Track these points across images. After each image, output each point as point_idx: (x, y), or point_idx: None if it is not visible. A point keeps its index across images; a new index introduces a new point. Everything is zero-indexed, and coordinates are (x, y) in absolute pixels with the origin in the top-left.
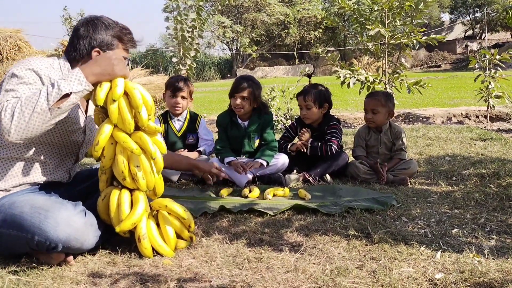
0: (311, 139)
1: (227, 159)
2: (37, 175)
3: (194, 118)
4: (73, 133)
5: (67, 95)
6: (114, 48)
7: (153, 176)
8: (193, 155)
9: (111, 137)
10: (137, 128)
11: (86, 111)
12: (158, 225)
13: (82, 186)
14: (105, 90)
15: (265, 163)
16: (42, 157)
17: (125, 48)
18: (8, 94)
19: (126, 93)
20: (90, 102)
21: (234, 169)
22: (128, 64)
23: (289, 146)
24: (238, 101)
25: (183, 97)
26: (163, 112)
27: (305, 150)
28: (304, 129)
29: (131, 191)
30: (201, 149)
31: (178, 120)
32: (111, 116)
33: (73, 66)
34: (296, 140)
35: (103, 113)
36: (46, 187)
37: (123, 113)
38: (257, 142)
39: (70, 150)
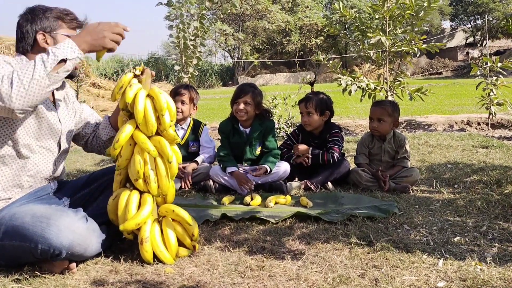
0: (311, 148)
1: (229, 169)
2: (25, 173)
3: (197, 126)
4: (49, 119)
5: (63, 62)
6: (57, 28)
7: (168, 181)
8: (191, 166)
9: (130, 139)
10: (157, 133)
11: (54, 102)
12: (162, 231)
13: (81, 193)
14: (135, 90)
15: (268, 169)
16: (29, 151)
17: (71, 27)
18: None
19: (151, 97)
20: (56, 93)
21: (239, 185)
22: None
23: (293, 158)
24: (241, 106)
25: (182, 102)
26: None
27: (309, 163)
28: (296, 146)
29: (141, 193)
30: (198, 159)
31: (182, 128)
32: (137, 116)
33: (28, 57)
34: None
35: (127, 116)
36: (45, 195)
37: (147, 115)
38: (259, 149)
39: (52, 138)
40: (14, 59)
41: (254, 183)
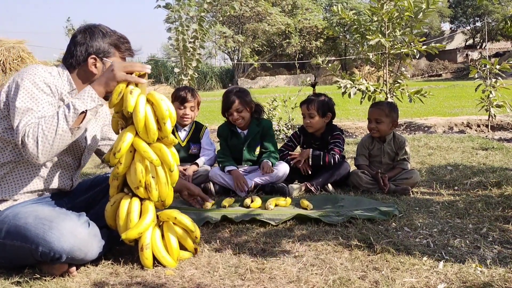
0: (311, 150)
1: (227, 168)
2: (41, 182)
3: (199, 128)
4: (77, 139)
5: (82, 113)
6: (110, 56)
7: (168, 188)
8: (192, 168)
9: (130, 145)
10: (157, 139)
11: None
12: (163, 235)
13: (84, 196)
14: (136, 97)
15: (270, 164)
16: (46, 163)
17: (122, 57)
18: (25, 116)
19: (152, 103)
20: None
21: (235, 184)
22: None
23: (293, 162)
24: (235, 115)
25: (191, 108)
26: None
27: (307, 173)
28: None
29: (141, 199)
30: (198, 162)
31: (184, 129)
32: (138, 124)
33: (71, 72)
34: (298, 149)
35: (122, 119)
36: (49, 197)
37: (148, 123)
38: (257, 149)
39: (73, 155)
40: (57, 70)
41: (253, 184)
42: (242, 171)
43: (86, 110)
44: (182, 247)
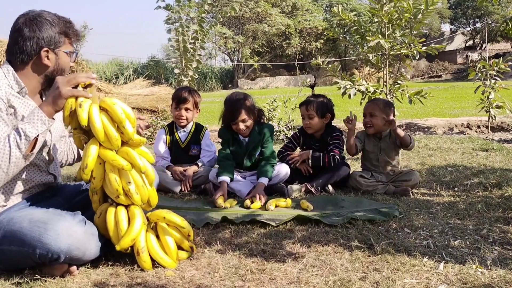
0: (311, 151)
1: (220, 178)
2: (21, 183)
3: (199, 130)
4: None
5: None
6: (61, 45)
7: (146, 189)
8: (192, 169)
9: (98, 157)
10: (122, 143)
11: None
12: (157, 237)
13: (81, 196)
14: (87, 109)
15: (266, 181)
16: None
17: (71, 42)
18: None
19: (106, 110)
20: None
21: (215, 195)
22: (76, 58)
23: (292, 162)
24: (241, 125)
25: (187, 109)
26: (168, 123)
27: (307, 173)
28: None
29: (126, 206)
30: (198, 163)
31: (184, 131)
32: (98, 135)
33: (20, 68)
34: (298, 151)
35: (83, 134)
36: (43, 198)
37: (108, 131)
38: (257, 156)
39: (41, 152)
40: (1, 71)
41: (253, 184)
42: (241, 176)
43: (38, 135)
44: (179, 247)
